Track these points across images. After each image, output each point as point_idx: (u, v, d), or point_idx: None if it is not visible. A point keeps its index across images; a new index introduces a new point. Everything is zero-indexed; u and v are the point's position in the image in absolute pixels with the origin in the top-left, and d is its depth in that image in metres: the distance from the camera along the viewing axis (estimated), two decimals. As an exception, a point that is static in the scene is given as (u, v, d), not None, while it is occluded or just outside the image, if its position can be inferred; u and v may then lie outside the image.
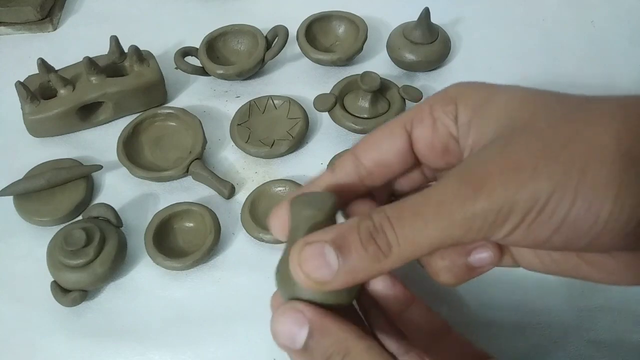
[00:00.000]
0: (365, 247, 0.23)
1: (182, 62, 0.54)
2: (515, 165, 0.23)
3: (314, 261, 0.24)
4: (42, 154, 0.50)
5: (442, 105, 0.27)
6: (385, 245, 0.23)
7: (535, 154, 0.23)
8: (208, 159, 0.50)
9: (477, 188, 0.23)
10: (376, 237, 0.23)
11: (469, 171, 0.23)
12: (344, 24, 0.57)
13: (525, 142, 0.23)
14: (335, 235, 0.24)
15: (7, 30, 0.61)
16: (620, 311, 0.41)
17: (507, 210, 0.22)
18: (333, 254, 0.23)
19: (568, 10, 0.61)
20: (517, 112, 0.25)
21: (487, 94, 0.26)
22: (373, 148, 0.29)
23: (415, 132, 0.28)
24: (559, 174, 0.22)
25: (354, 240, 0.24)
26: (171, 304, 0.42)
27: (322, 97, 0.50)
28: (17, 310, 0.42)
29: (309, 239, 0.24)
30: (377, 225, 0.23)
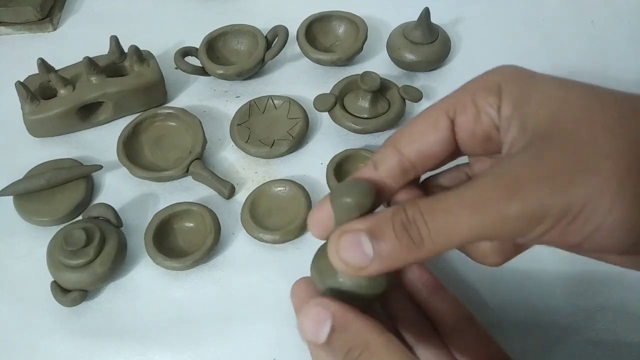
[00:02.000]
0: (398, 238, 0.24)
1: (182, 62, 0.54)
2: (552, 173, 0.23)
3: (350, 249, 0.25)
4: (42, 154, 0.50)
5: (486, 96, 0.27)
6: (417, 237, 0.24)
7: (573, 164, 0.23)
8: (208, 159, 0.50)
9: (512, 191, 0.23)
10: (409, 229, 0.24)
11: (505, 174, 0.24)
12: (344, 24, 0.57)
13: (564, 150, 0.23)
14: (371, 225, 0.25)
15: (7, 30, 0.61)
16: (620, 311, 0.41)
17: (540, 216, 0.23)
18: (368, 242, 0.25)
19: (568, 10, 0.61)
20: (557, 115, 0.25)
21: (528, 87, 0.26)
22: (417, 140, 0.28)
23: (458, 121, 0.28)
24: (594, 186, 0.23)
25: (388, 231, 0.25)
26: (171, 304, 0.42)
27: (322, 97, 0.50)
28: (17, 310, 0.42)
29: (345, 228, 0.25)
30: (410, 218, 0.24)
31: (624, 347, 0.39)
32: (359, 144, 0.50)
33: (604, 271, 0.42)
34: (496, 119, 0.27)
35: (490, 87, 0.27)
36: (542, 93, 0.26)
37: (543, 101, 0.25)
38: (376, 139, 0.51)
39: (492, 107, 0.27)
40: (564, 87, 0.26)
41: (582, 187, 0.23)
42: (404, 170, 0.28)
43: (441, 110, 0.28)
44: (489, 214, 0.23)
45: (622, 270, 0.42)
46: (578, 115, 0.24)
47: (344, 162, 0.47)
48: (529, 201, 0.23)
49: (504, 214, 0.23)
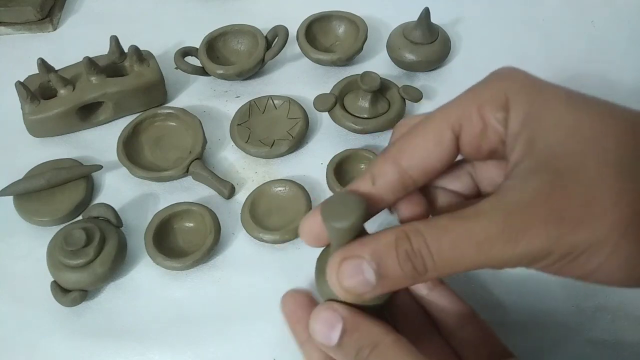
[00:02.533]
0: (402, 268, 0.24)
1: (182, 62, 0.54)
2: (561, 215, 0.23)
3: (352, 277, 0.25)
4: (42, 154, 0.50)
5: (493, 110, 0.26)
6: (421, 268, 0.24)
7: (580, 206, 0.23)
8: (208, 159, 0.50)
9: (519, 234, 0.23)
10: (413, 260, 0.24)
11: (513, 214, 0.24)
12: (344, 24, 0.57)
13: (574, 190, 0.24)
14: (373, 252, 0.25)
15: (7, 30, 0.61)
16: (620, 311, 0.41)
17: (544, 255, 0.24)
18: (370, 270, 0.25)
19: (568, 10, 0.61)
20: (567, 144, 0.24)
21: (538, 104, 0.26)
22: (419, 155, 0.27)
23: (463, 136, 0.27)
24: (600, 231, 0.23)
25: (391, 260, 0.24)
26: (171, 304, 0.42)
27: (322, 97, 0.50)
28: (17, 310, 0.42)
29: (346, 254, 0.25)
30: (415, 249, 0.24)
31: (624, 347, 0.39)
32: (359, 144, 0.50)
33: (604, 271, 0.42)
34: (503, 134, 0.27)
35: (498, 99, 0.26)
36: (553, 114, 0.25)
37: (553, 125, 0.25)
38: (376, 139, 0.51)
39: (500, 122, 0.26)
40: (575, 109, 0.25)
41: (587, 231, 0.23)
42: (405, 186, 0.28)
43: (446, 123, 0.27)
44: (495, 254, 0.24)
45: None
46: (588, 148, 0.24)
47: (344, 162, 0.47)
48: (535, 243, 0.23)
49: (510, 254, 0.24)
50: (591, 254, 0.23)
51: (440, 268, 0.24)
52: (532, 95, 0.26)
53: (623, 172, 0.24)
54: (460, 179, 0.31)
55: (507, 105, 0.26)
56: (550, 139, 0.25)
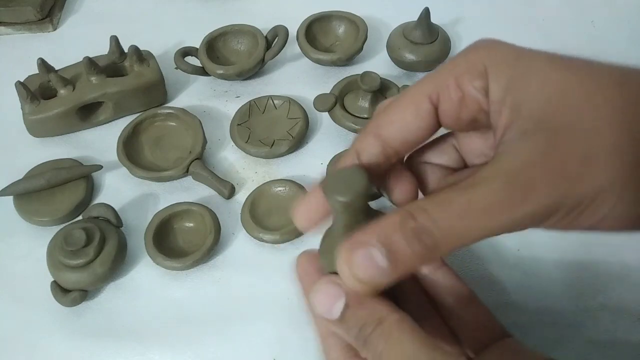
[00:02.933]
0: (411, 247, 0.24)
1: (182, 62, 0.54)
2: (562, 171, 0.23)
3: (365, 268, 0.24)
4: (42, 154, 0.50)
5: (471, 79, 0.26)
6: (431, 244, 0.24)
7: (580, 159, 0.23)
8: (208, 159, 0.50)
9: (524, 194, 0.23)
10: (422, 237, 0.24)
11: (514, 174, 0.24)
12: (344, 24, 0.57)
13: (571, 145, 0.24)
14: (380, 236, 0.24)
15: (7, 30, 0.61)
16: (620, 311, 0.41)
17: (551, 212, 0.24)
18: (381, 256, 0.24)
19: (568, 10, 0.61)
20: (557, 102, 0.24)
21: (520, 69, 0.26)
22: (399, 127, 0.27)
23: (442, 107, 0.27)
24: (603, 181, 0.23)
25: (400, 241, 0.24)
26: (171, 304, 0.42)
27: (322, 97, 0.50)
28: (17, 310, 0.42)
29: (353, 244, 0.24)
30: (422, 226, 0.24)
31: (624, 347, 0.39)
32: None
33: (604, 271, 0.42)
34: (483, 102, 0.27)
35: (475, 69, 0.26)
36: (538, 76, 0.25)
37: (540, 86, 0.25)
38: (376, 139, 0.51)
39: (479, 90, 0.26)
40: (560, 69, 0.25)
41: (591, 183, 0.23)
42: (387, 157, 0.28)
43: (423, 94, 0.27)
44: (504, 218, 0.23)
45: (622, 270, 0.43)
46: (579, 105, 0.24)
47: (344, 162, 0.47)
48: (542, 202, 0.23)
49: (519, 216, 0.23)
50: (597, 204, 0.23)
51: (449, 242, 0.24)
52: (513, 61, 0.26)
53: (616, 124, 0.24)
54: (446, 152, 0.31)
55: (485, 73, 0.26)
56: (539, 100, 0.25)
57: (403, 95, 0.28)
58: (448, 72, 0.27)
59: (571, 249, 0.43)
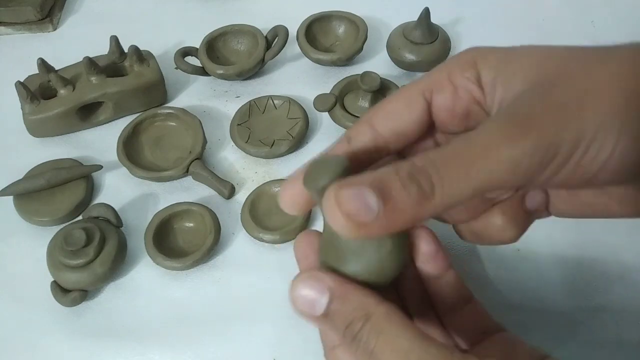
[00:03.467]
0: (407, 189, 0.22)
1: (182, 62, 0.54)
2: (561, 105, 0.23)
3: (353, 202, 0.22)
4: (42, 154, 0.50)
5: (461, 71, 0.27)
6: (428, 186, 0.22)
7: (578, 95, 0.23)
8: (208, 159, 0.50)
9: (524, 127, 0.22)
10: (419, 177, 0.22)
11: (514, 113, 0.23)
12: (344, 24, 0.57)
13: (566, 86, 0.24)
14: (374, 179, 0.22)
15: (7, 30, 0.61)
16: (620, 311, 0.41)
17: (554, 149, 0.22)
18: (373, 196, 0.22)
19: (568, 10, 0.61)
20: (544, 66, 0.25)
21: (505, 54, 0.27)
22: (391, 118, 0.28)
23: (435, 100, 0.28)
24: (604, 113, 0.23)
25: (394, 182, 0.22)
26: (171, 304, 0.42)
27: (322, 97, 0.50)
28: (17, 310, 0.42)
29: (344, 183, 0.22)
30: (419, 167, 0.22)
31: (624, 347, 0.39)
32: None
33: (604, 271, 0.42)
34: (476, 92, 0.27)
35: (466, 62, 0.27)
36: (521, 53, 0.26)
37: (525, 58, 0.26)
38: (376, 139, 0.51)
39: (470, 80, 0.27)
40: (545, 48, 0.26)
41: (591, 114, 0.23)
42: (377, 146, 0.28)
43: (417, 90, 0.28)
44: (504, 154, 0.22)
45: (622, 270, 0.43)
46: (567, 61, 0.25)
47: (344, 162, 0.47)
48: (542, 134, 0.22)
49: (520, 151, 0.22)
50: (601, 139, 0.22)
51: (448, 183, 0.22)
52: (499, 50, 0.27)
53: (606, 62, 0.24)
54: None
55: (474, 64, 0.27)
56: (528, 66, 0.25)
57: (398, 92, 0.29)
58: (440, 71, 0.28)
59: (571, 249, 0.43)
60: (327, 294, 0.25)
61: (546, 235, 0.44)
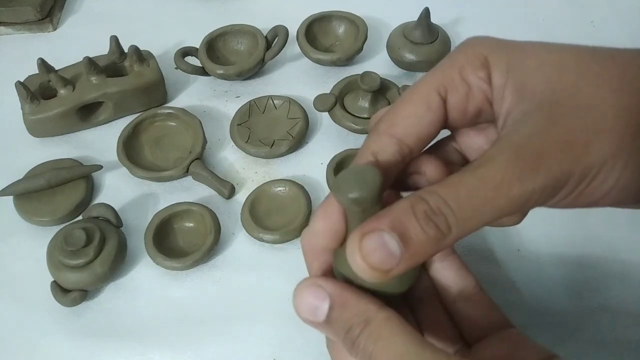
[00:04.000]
0: (425, 230, 0.23)
1: (182, 62, 0.54)
2: (568, 138, 0.24)
3: (377, 252, 0.23)
4: (42, 154, 0.50)
5: (474, 70, 0.27)
6: (445, 227, 0.23)
7: (585, 126, 0.24)
8: (208, 159, 0.50)
9: (534, 165, 0.23)
10: (434, 219, 0.23)
11: (522, 147, 0.24)
12: (344, 24, 0.57)
13: (575, 116, 0.24)
14: (392, 221, 0.23)
15: (7, 30, 0.61)
16: (620, 311, 0.41)
17: (563, 182, 0.24)
18: (394, 241, 0.23)
19: (568, 10, 0.61)
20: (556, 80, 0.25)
21: (517, 54, 0.26)
22: (413, 123, 0.27)
23: (450, 99, 0.27)
24: (610, 145, 0.24)
25: (413, 225, 0.23)
26: (171, 304, 0.42)
27: (322, 97, 0.50)
28: (17, 310, 0.42)
29: (365, 229, 0.23)
30: (435, 208, 0.23)
31: (624, 347, 0.39)
32: (359, 144, 0.50)
33: (604, 271, 0.42)
34: (488, 92, 0.27)
35: (477, 60, 0.27)
36: (534, 58, 0.26)
37: (537, 66, 0.25)
38: (376, 139, 0.51)
39: (483, 80, 0.27)
40: (554, 51, 0.26)
41: (598, 149, 0.23)
42: (403, 156, 0.27)
43: (432, 89, 0.27)
44: (515, 192, 0.23)
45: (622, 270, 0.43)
46: (578, 79, 0.25)
47: (344, 162, 0.47)
48: (552, 171, 0.23)
49: (530, 189, 0.23)
50: (605, 172, 0.24)
51: (463, 222, 0.23)
52: (509, 49, 0.26)
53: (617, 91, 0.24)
54: (449, 154, 0.31)
55: (486, 63, 0.27)
56: (538, 80, 0.25)
57: (411, 91, 0.28)
58: (450, 66, 0.27)
59: (571, 249, 0.43)
60: (327, 301, 0.25)
61: (546, 235, 0.44)
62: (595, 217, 0.45)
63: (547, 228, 0.44)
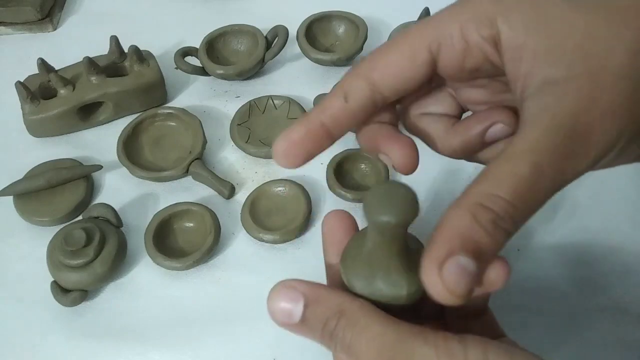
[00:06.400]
0: (497, 240, 0.22)
1: (182, 62, 0.54)
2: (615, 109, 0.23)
3: (461, 281, 0.22)
4: (42, 154, 0.50)
5: (477, 28, 0.25)
6: (512, 228, 0.22)
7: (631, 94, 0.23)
8: (208, 159, 0.50)
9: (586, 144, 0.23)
10: (503, 225, 0.22)
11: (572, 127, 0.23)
12: (344, 24, 0.57)
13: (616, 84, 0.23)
14: (463, 241, 0.22)
15: (7, 30, 0.61)
16: (620, 311, 0.41)
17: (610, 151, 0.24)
18: (471, 262, 0.22)
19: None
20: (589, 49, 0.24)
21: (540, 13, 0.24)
22: (392, 74, 0.26)
23: (443, 55, 0.26)
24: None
25: (484, 238, 0.22)
26: (171, 304, 0.42)
27: (322, 97, 0.50)
28: (17, 310, 0.42)
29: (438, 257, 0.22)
30: (502, 214, 0.22)
31: (624, 347, 0.39)
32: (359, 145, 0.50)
33: (604, 271, 0.42)
34: (490, 53, 0.25)
35: (484, 16, 0.25)
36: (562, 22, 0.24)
37: (566, 32, 0.24)
38: (376, 139, 0.51)
39: (486, 40, 0.25)
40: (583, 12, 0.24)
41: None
42: (375, 102, 0.27)
43: (422, 42, 0.26)
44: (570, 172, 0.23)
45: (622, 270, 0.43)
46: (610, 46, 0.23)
47: (344, 162, 0.47)
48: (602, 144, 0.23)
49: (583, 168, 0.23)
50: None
51: (526, 214, 0.23)
52: (529, 7, 0.25)
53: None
54: (442, 101, 0.30)
55: (494, 21, 0.25)
56: (567, 46, 0.24)
57: (401, 39, 0.26)
58: (451, 19, 0.26)
59: (571, 249, 0.43)
60: (302, 301, 0.25)
61: (546, 235, 0.44)
62: (596, 217, 0.45)
63: (547, 228, 0.44)
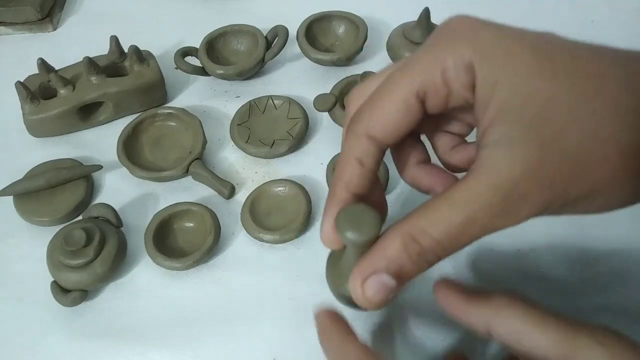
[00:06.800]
0: (418, 267, 0.26)
1: (182, 62, 0.54)
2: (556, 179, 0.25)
3: (379, 293, 0.27)
4: (42, 154, 0.50)
5: (458, 75, 0.27)
6: (435, 259, 0.26)
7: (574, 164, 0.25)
8: (208, 159, 0.50)
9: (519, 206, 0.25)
10: (427, 258, 0.26)
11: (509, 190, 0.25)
12: (344, 24, 0.57)
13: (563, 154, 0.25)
14: (389, 264, 0.26)
15: (7, 30, 0.61)
16: (620, 311, 0.41)
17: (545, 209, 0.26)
18: (392, 280, 0.26)
19: (568, 10, 0.61)
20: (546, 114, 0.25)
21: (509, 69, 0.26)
22: (391, 125, 0.28)
23: (429, 100, 0.28)
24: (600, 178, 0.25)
25: (408, 265, 0.26)
26: (171, 304, 0.42)
27: (322, 97, 0.50)
28: (17, 310, 0.42)
29: (364, 272, 0.27)
30: (427, 249, 0.26)
31: (624, 347, 0.39)
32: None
33: (605, 271, 0.42)
34: (470, 98, 0.27)
35: (461, 63, 0.27)
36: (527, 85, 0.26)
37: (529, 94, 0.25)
38: (376, 139, 0.51)
39: (466, 88, 0.27)
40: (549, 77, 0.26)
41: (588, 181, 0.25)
42: (382, 153, 0.29)
43: (410, 90, 0.28)
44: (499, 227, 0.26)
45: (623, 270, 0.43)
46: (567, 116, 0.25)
47: (344, 162, 0.47)
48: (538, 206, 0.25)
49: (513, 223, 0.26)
50: (594, 197, 0.25)
51: (450, 252, 0.26)
52: (502, 58, 0.26)
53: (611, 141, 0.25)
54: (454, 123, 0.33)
55: (472, 67, 0.27)
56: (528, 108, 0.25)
57: (389, 89, 0.28)
58: (432, 64, 0.27)
59: (571, 249, 0.43)
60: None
61: (546, 234, 0.44)
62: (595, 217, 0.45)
63: (547, 228, 0.44)
